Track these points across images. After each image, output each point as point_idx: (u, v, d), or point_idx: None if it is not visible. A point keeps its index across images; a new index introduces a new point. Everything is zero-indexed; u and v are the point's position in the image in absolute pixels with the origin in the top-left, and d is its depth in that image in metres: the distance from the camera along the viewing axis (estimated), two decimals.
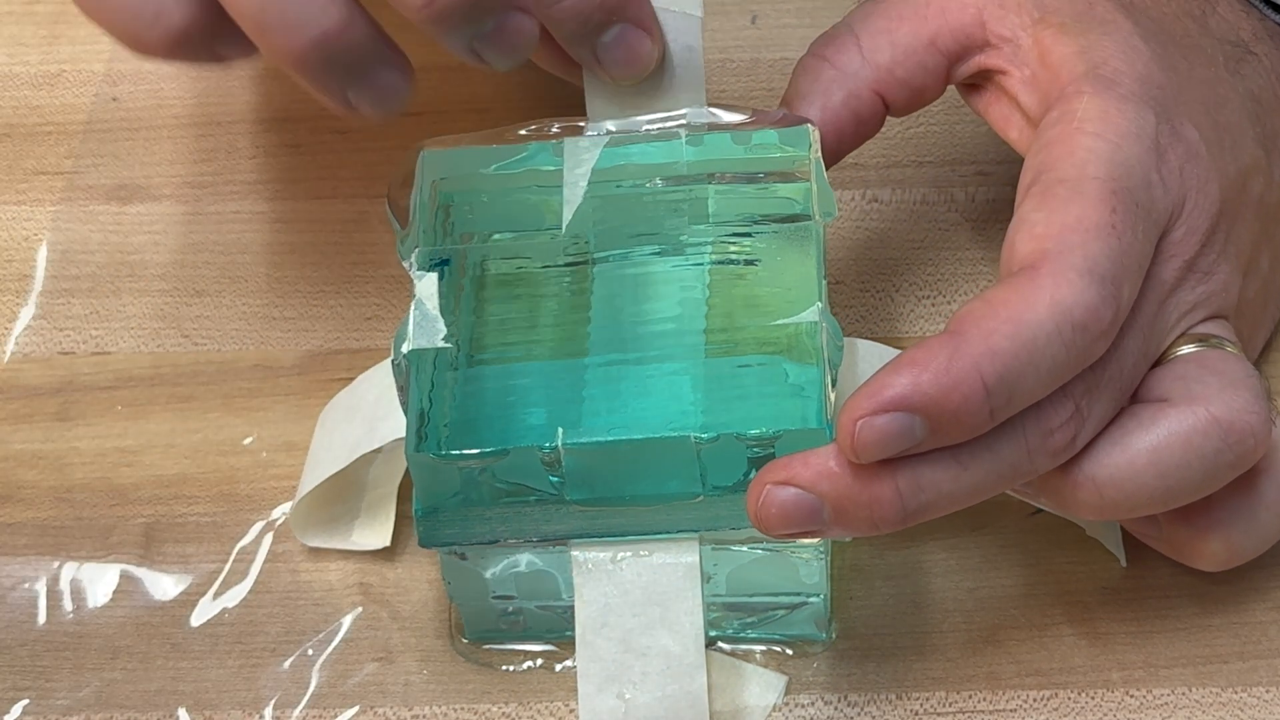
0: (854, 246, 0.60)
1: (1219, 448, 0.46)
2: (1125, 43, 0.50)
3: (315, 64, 0.48)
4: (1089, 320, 0.45)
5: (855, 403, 0.44)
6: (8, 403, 0.57)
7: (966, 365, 0.44)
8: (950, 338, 0.44)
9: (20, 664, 0.52)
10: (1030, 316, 0.45)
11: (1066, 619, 0.52)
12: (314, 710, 0.51)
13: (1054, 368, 0.45)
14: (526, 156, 0.52)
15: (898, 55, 0.52)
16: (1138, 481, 0.46)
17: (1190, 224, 0.49)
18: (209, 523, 0.55)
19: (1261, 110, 0.52)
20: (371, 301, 0.59)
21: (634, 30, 0.51)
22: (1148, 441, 0.47)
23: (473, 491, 0.47)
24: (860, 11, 0.53)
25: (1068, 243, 0.46)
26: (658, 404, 0.47)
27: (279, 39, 0.47)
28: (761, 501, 0.45)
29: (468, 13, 0.48)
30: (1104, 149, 0.47)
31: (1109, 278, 0.45)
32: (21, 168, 0.63)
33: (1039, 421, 0.46)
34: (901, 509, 0.45)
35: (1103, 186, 0.47)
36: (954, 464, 0.45)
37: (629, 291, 0.49)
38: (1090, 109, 0.48)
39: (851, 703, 0.51)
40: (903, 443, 0.44)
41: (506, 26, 0.49)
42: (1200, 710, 0.50)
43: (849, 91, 0.52)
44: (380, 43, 0.49)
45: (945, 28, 0.52)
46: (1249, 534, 0.49)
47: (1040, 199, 0.47)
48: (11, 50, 0.67)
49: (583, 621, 0.49)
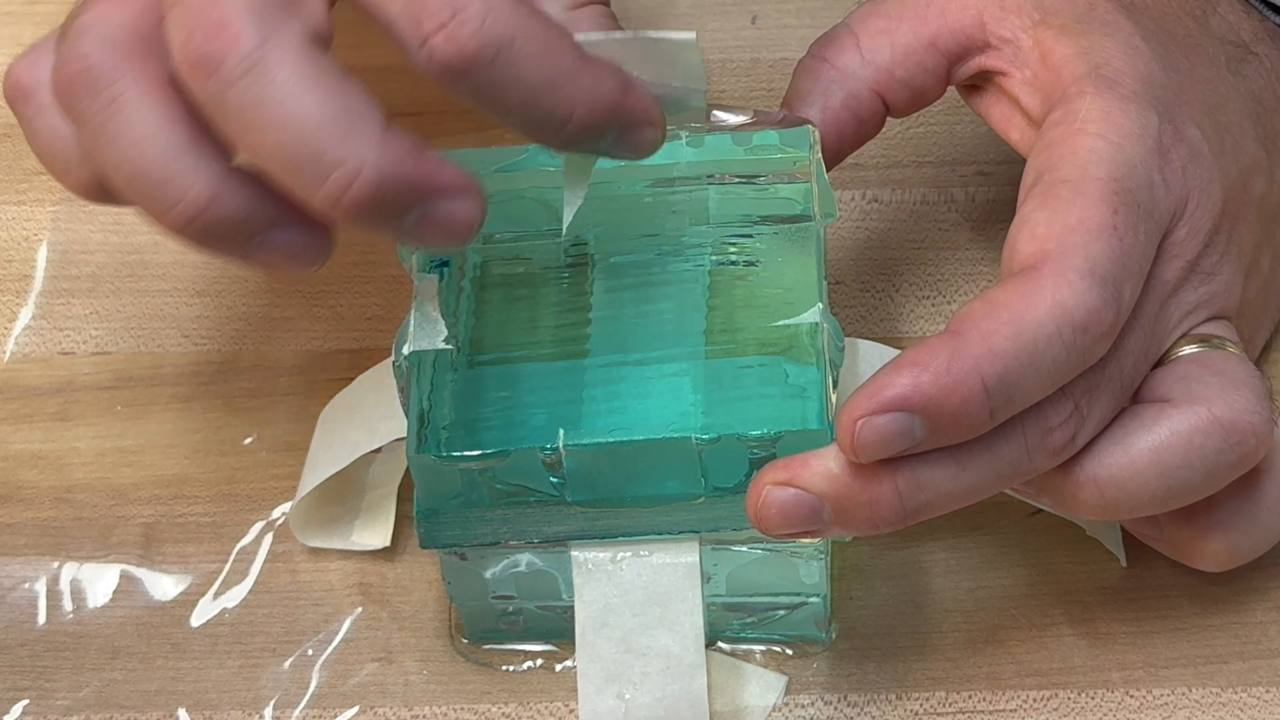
0: (854, 246, 0.60)
1: (1221, 448, 0.46)
2: (1127, 43, 0.50)
3: (198, 236, 0.44)
4: (1090, 321, 0.45)
5: (855, 403, 0.44)
6: (8, 403, 0.57)
7: (967, 366, 0.44)
8: (950, 338, 0.44)
9: (20, 664, 0.52)
10: (1031, 317, 0.45)
11: (1066, 619, 0.52)
12: (314, 710, 0.51)
13: (1054, 369, 0.45)
14: (527, 157, 0.52)
15: (897, 56, 0.52)
16: (1139, 481, 0.47)
17: (1193, 224, 0.49)
18: (209, 523, 0.55)
19: (1262, 110, 0.52)
20: (371, 301, 0.59)
21: (637, 126, 0.46)
22: (1149, 441, 0.47)
23: (473, 493, 0.47)
24: (860, 12, 0.53)
25: (1069, 244, 0.46)
26: (658, 405, 0.47)
27: (156, 217, 0.44)
28: (761, 502, 0.45)
29: (382, 209, 0.42)
30: (1106, 149, 0.47)
31: (1110, 279, 0.45)
32: (21, 168, 0.63)
33: (1038, 421, 0.46)
34: (901, 508, 0.45)
35: (1104, 187, 0.47)
36: (953, 464, 0.45)
37: (629, 293, 0.49)
38: (1093, 109, 0.48)
39: (851, 703, 0.51)
40: (902, 443, 0.44)
41: (431, 217, 0.43)
42: (1200, 710, 0.50)
43: (849, 92, 0.53)
44: (266, 204, 0.43)
45: (945, 28, 0.52)
46: (1250, 534, 0.49)
47: (1042, 199, 0.47)
48: (11, 50, 0.66)
49: (583, 621, 0.49)
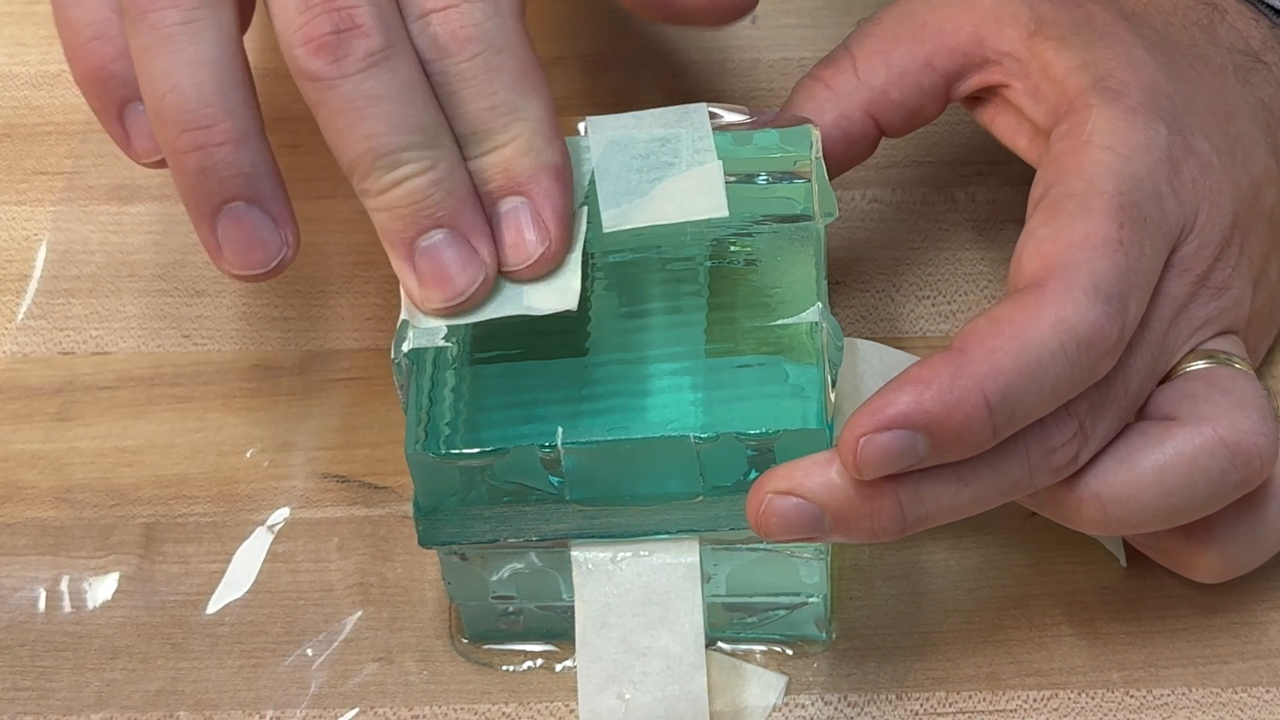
0: (854, 246, 0.60)
1: (1225, 468, 0.46)
2: (1129, 54, 0.50)
3: (192, 168, 0.46)
4: (1094, 338, 0.45)
5: (858, 420, 0.44)
6: (8, 403, 0.57)
7: (970, 384, 0.44)
8: (954, 355, 0.44)
9: (20, 664, 0.52)
10: (1034, 334, 0.44)
11: (1066, 619, 0.52)
12: (314, 711, 0.51)
13: (1058, 386, 0.45)
14: None
15: (893, 77, 0.52)
16: (1142, 500, 0.46)
17: (1203, 238, 0.48)
18: (209, 523, 0.55)
19: (1272, 120, 0.52)
20: (371, 301, 0.59)
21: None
22: (1154, 460, 0.46)
23: (473, 491, 0.47)
24: (858, 33, 0.53)
25: (1073, 259, 0.45)
26: (658, 403, 0.47)
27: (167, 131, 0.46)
28: (763, 509, 0.45)
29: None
30: (1113, 162, 0.47)
31: (1115, 295, 0.45)
32: (21, 168, 0.63)
33: (1042, 439, 0.46)
34: (901, 520, 0.45)
35: (1110, 201, 0.46)
36: (955, 479, 0.45)
37: (629, 291, 0.49)
38: (1100, 122, 0.48)
39: (851, 703, 0.51)
40: (905, 460, 0.44)
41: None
42: (1200, 710, 0.50)
43: (840, 112, 0.52)
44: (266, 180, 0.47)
45: (942, 48, 0.52)
46: (1247, 549, 0.49)
47: (1048, 214, 0.47)
48: (11, 50, 0.67)
49: (583, 621, 0.49)
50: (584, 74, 0.65)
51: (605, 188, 0.49)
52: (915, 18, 0.53)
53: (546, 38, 0.66)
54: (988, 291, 0.58)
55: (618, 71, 0.65)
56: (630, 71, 0.65)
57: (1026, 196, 0.48)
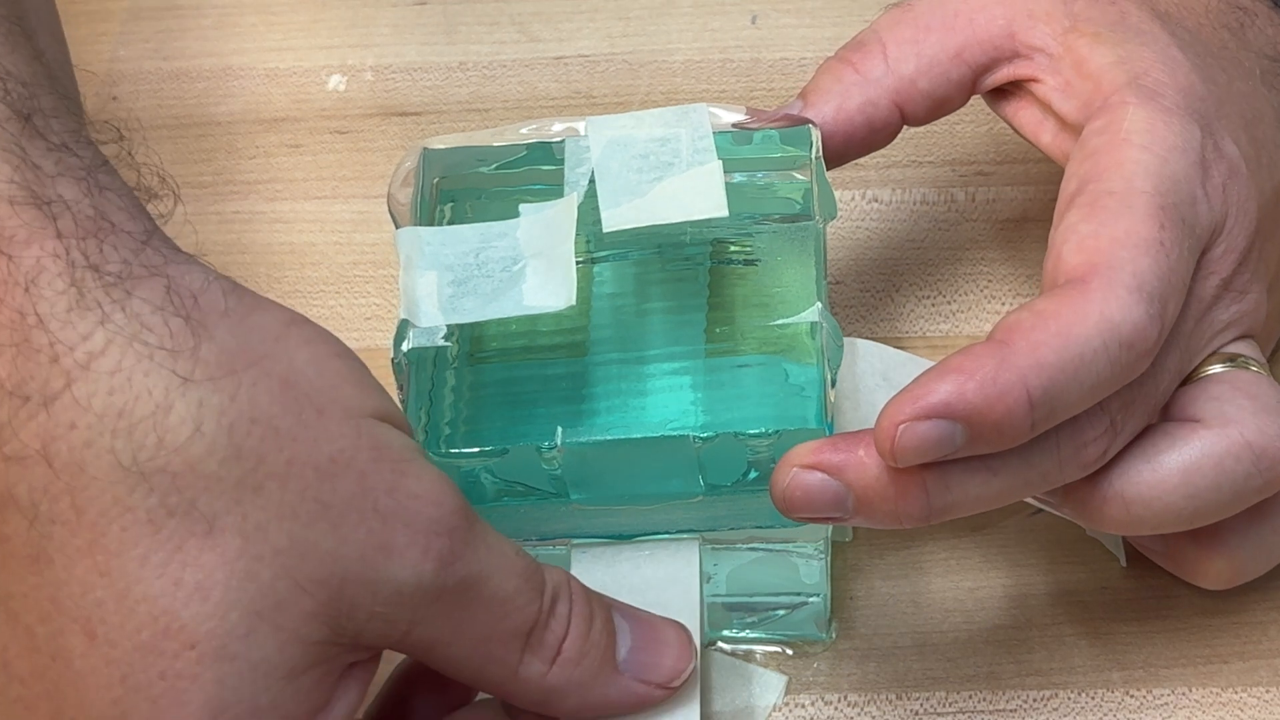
0: (854, 246, 0.60)
1: (1250, 472, 0.46)
2: (1164, 53, 0.49)
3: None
4: (1136, 338, 0.45)
5: (897, 406, 0.44)
6: None
7: (1013, 377, 0.44)
8: (997, 347, 0.44)
9: None
10: (1079, 331, 0.44)
11: (1066, 619, 0.52)
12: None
13: (1098, 383, 0.44)
14: (526, 156, 0.52)
15: (922, 66, 0.52)
16: (1166, 501, 0.46)
17: (1230, 242, 0.48)
18: None
19: None
20: (371, 301, 0.59)
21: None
22: (1179, 461, 0.46)
23: (473, 490, 0.47)
24: (888, 19, 0.53)
25: (1117, 258, 0.45)
26: (657, 403, 0.47)
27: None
28: (788, 483, 0.45)
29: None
30: (1152, 162, 0.47)
31: (1156, 295, 0.45)
32: None
33: (1074, 435, 0.45)
34: (927, 506, 0.45)
35: (1151, 201, 0.46)
36: (984, 469, 0.45)
37: (629, 291, 0.49)
38: (1137, 120, 0.48)
39: (851, 703, 0.51)
40: (942, 449, 0.44)
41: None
42: (1200, 710, 0.50)
43: (867, 98, 0.52)
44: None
45: (973, 39, 0.52)
46: (1256, 557, 0.49)
47: (1088, 210, 0.47)
48: None
49: None
50: (584, 74, 0.65)
51: (605, 188, 0.49)
52: (947, 7, 0.52)
53: (547, 38, 0.66)
54: (987, 291, 0.58)
55: (618, 71, 0.65)
56: (630, 71, 0.65)
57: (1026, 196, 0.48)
